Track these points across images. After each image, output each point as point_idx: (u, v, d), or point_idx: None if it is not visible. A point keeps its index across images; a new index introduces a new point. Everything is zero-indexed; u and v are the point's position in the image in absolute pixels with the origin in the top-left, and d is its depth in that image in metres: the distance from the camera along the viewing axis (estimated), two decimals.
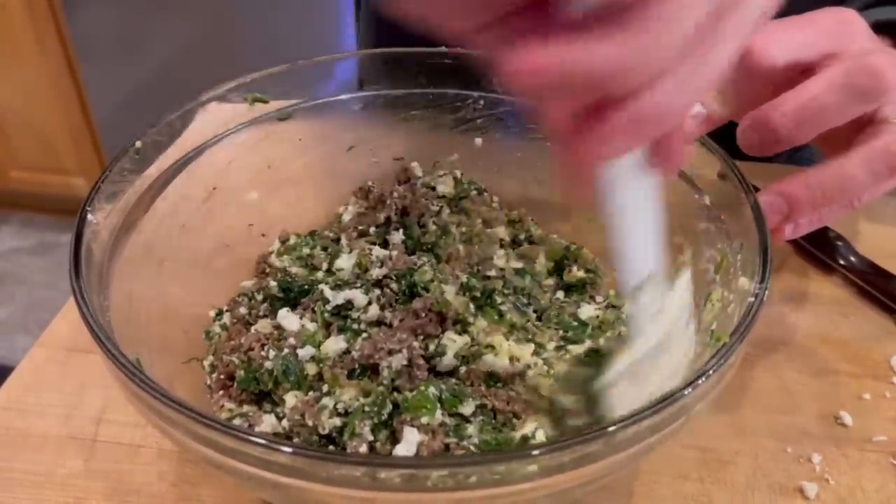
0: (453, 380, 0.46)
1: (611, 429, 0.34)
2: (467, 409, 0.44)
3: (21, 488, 0.47)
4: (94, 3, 1.85)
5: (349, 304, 0.48)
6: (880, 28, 0.52)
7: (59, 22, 1.88)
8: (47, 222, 2.33)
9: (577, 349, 0.48)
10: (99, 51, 1.93)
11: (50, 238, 2.29)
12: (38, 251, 2.26)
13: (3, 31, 1.89)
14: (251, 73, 0.54)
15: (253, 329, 0.49)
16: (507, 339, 0.48)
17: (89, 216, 0.43)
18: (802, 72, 0.47)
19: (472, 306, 0.49)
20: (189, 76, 1.79)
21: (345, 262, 0.52)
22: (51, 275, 2.17)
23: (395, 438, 0.42)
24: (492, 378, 0.46)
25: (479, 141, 0.60)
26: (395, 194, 0.56)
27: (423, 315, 0.47)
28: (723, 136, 0.49)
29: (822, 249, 0.62)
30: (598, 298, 0.55)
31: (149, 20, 1.84)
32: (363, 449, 0.42)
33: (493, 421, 0.44)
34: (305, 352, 0.46)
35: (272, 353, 0.46)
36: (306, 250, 0.55)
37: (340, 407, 0.43)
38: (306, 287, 0.50)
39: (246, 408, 0.46)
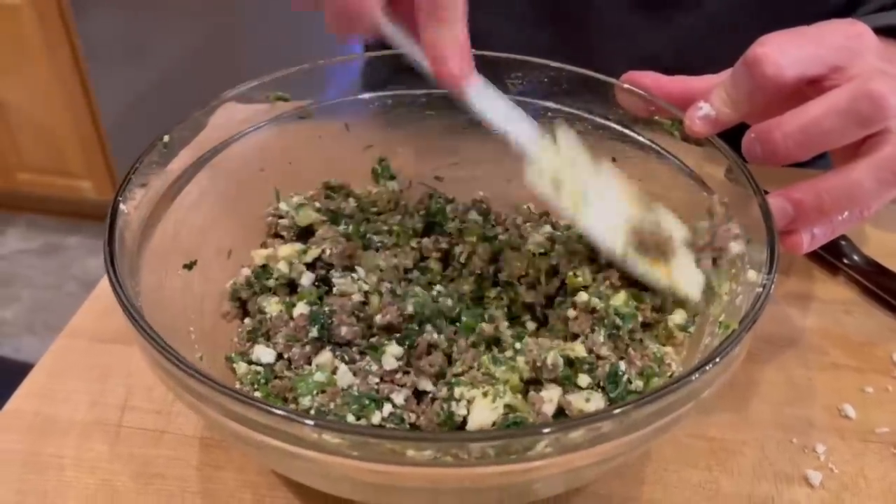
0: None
1: (621, 410, 0.35)
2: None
3: (50, 471, 0.48)
4: (103, 7, 1.86)
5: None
6: (887, 32, 0.53)
7: (68, 25, 1.89)
8: (53, 224, 2.34)
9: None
10: (107, 54, 1.93)
11: (55, 240, 2.30)
12: (43, 253, 2.27)
13: (13, 33, 1.90)
14: (274, 73, 0.55)
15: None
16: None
17: (121, 206, 0.44)
18: (810, 83, 0.48)
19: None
20: (196, 79, 1.80)
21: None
22: (56, 276, 2.18)
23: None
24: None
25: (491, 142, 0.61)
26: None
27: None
28: (733, 137, 0.50)
29: (827, 250, 0.64)
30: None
31: (157, 24, 1.85)
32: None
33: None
34: None
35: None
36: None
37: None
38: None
39: None
